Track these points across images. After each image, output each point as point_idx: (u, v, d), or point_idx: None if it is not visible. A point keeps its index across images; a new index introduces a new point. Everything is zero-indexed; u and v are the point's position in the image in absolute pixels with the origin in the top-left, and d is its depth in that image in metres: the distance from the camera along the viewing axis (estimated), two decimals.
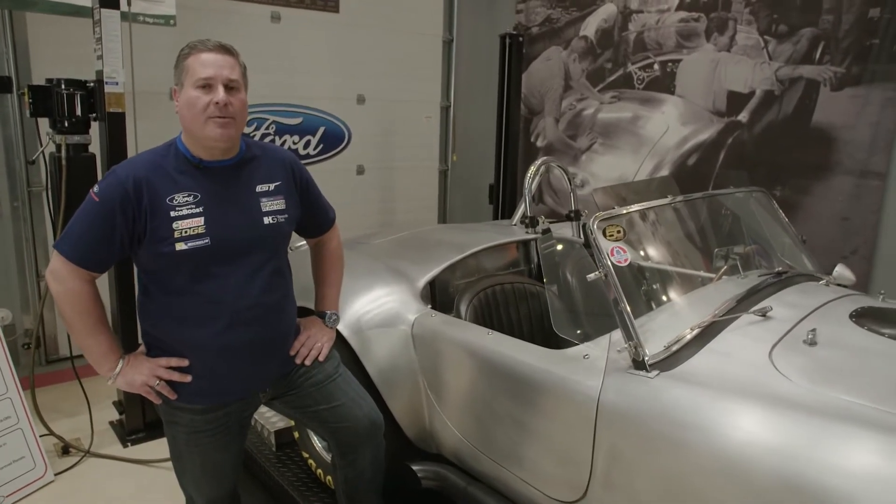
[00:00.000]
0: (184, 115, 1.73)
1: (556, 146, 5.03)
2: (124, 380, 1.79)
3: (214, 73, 1.70)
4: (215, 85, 1.70)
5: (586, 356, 1.88)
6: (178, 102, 1.74)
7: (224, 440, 1.90)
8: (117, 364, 1.78)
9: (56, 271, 1.71)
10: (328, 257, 2.12)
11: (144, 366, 1.79)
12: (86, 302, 1.72)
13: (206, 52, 1.71)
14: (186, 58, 1.72)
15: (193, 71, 1.70)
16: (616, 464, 1.73)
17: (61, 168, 2.89)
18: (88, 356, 1.79)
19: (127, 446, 3.16)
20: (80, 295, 1.71)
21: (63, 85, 2.86)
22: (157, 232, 1.69)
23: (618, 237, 1.90)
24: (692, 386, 1.66)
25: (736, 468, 1.49)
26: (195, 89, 1.70)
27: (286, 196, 1.89)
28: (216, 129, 1.71)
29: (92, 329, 1.75)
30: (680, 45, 4.20)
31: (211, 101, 1.69)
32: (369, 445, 2.09)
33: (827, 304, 2.01)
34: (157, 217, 1.69)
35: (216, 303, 1.76)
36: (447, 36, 5.41)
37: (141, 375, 1.78)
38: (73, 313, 1.72)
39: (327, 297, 2.10)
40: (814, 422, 1.47)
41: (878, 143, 3.41)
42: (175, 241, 1.69)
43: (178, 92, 1.75)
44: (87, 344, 1.76)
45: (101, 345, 1.77)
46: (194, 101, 1.69)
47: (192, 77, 1.70)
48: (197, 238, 1.71)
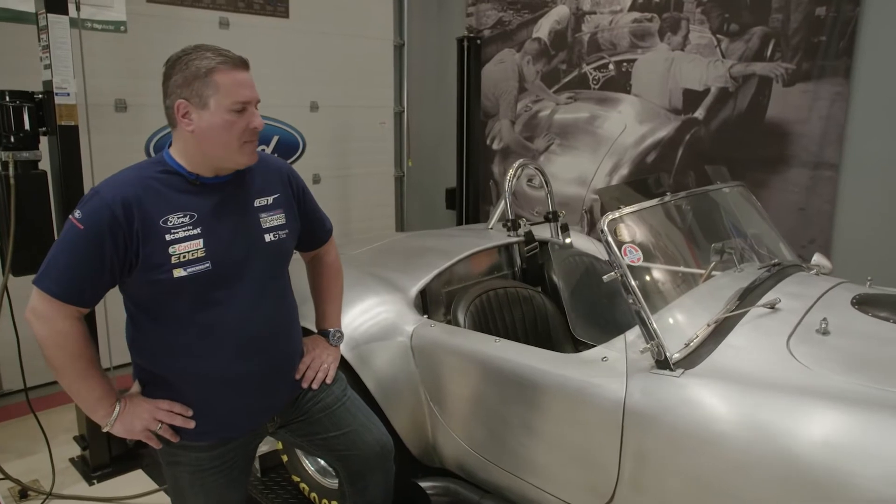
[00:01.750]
0: (208, 138, 1.55)
1: (512, 148, 5.03)
2: (122, 426, 1.61)
3: (251, 96, 1.57)
4: (249, 108, 1.57)
5: (604, 358, 1.85)
6: (197, 123, 1.54)
7: (231, 476, 1.76)
8: (113, 409, 1.60)
9: (39, 311, 1.52)
10: (327, 271, 1.99)
11: (143, 409, 1.62)
12: (76, 343, 1.54)
13: (237, 69, 1.55)
14: (212, 73, 1.52)
15: (228, 91, 1.53)
16: (645, 466, 1.71)
17: (9, 188, 2.66)
18: (80, 402, 1.61)
19: (93, 484, 2.94)
20: (69, 336, 1.52)
21: (7, 97, 2.63)
22: (151, 258, 1.53)
23: (628, 237, 1.88)
24: (719, 382, 1.66)
25: (775, 463, 1.49)
26: (231, 113, 1.54)
27: (286, 209, 1.76)
28: (250, 154, 1.60)
29: (83, 373, 1.56)
30: (634, 45, 4.27)
31: (247, 126, 1.56)
32: (380, 471, 1.97)
33: (826, 293, 2.05)
34: (151, 241, 1.53)
35: (219, 332, 1.62)
36: (398, 40, 5.34)
37: (141, 420, 1.61)
38: (63, 357, 1.53)
39: (329, 315, 1.98)
40: (851, 411, 1.48)
41: (830, 135, 3.56)
42: (172, 268, 1.53)
43: (196, 111, 1.54)
44: (79, 389, 1.58)
45: (95, 389, 1.58)
46: (230, 126, 1.54)
47: (227, 98, 1.52)
48: (197, 263, 1.56)
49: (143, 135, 3.94)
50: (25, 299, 2.83)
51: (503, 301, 2.49)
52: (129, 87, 3.80)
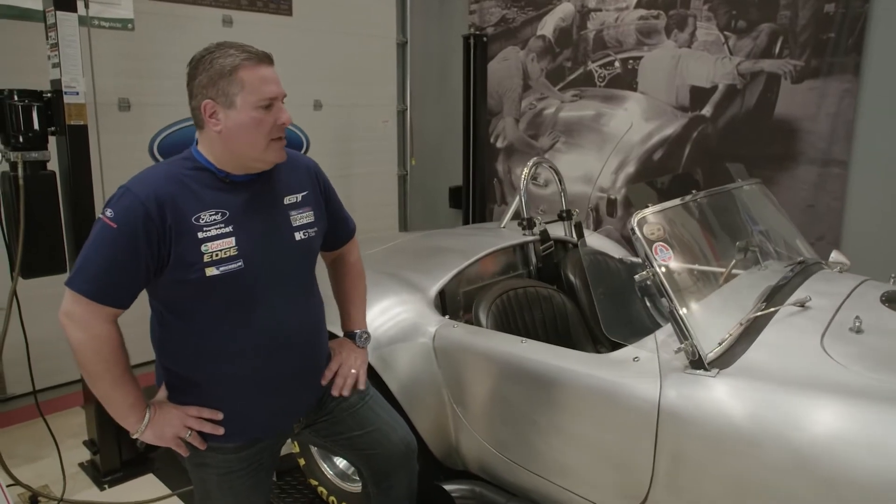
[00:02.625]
0: (237, 137, 1.52)
1: (517, 146, 5.01)
2: (153, 433, 1.58)
3: (277, 92, 1.53)
4: (276, 104, 1.54)
5: (636, 359, 1.83)
6: (224, 123, 1.51)
7: (258, 478, 1.74)
8: (144, 415, 1.57)
9: (73, 313, 1.48)
10: (350, 272, 1.96)
11: (174, 415, 1.59)
12: (113, 349, 1.50)
13: (261, 65, 1.52)
14: (237, 70, 1.49)
15: (254, 88, 1.49)
16: (681, 467, 1.70)
17: (18, 188, 2.60)
18: (113, 409, 1.57)
19: (104, 489, 2.89)
20: (105, 340, 1.49)
21: (16, 96, 2.58)
22: (184, 257, 1.50)
23: (659, 235, 1.86)
24: (755, 381, 1.64)
25: (814, 463, 1.48)
26: (258, 110, 1.50)
27: (314, 207, 1.74)
28: (278, 151, 1.57)
29: (119, 379, 1.53)
30: (640, 42, 4.26)
31: (276, 123, 1.53)
32: (404, 470, 1.95)
33: (854, 290, 2.04)
34: (184, 239, 1.50)
35: (249, 332, 1.59)
36: (401, 38, 5.31)
37: (171, 427, 1.58)
38: (99, 363, 1.50)
39: (354, 316, 1.94)
40: (892, 411, 1.47)
41: (839, 132, 3.56)
42: (205, 266, 1.50)
43: (223, 109, 1.51)
44: (113, 396, 1.54)
45: (129, 396, 1.55)
46: (259, 123, 1.51)
47: (253, 95, 1.49)
48: (229, 261, 1.53)
49: (147, 134, 3.89)
50: (35, 301, 2.82)
51: (523, 301, 2.47)
52: (133, 86, 3.75)
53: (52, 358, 3.34)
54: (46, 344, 3.05)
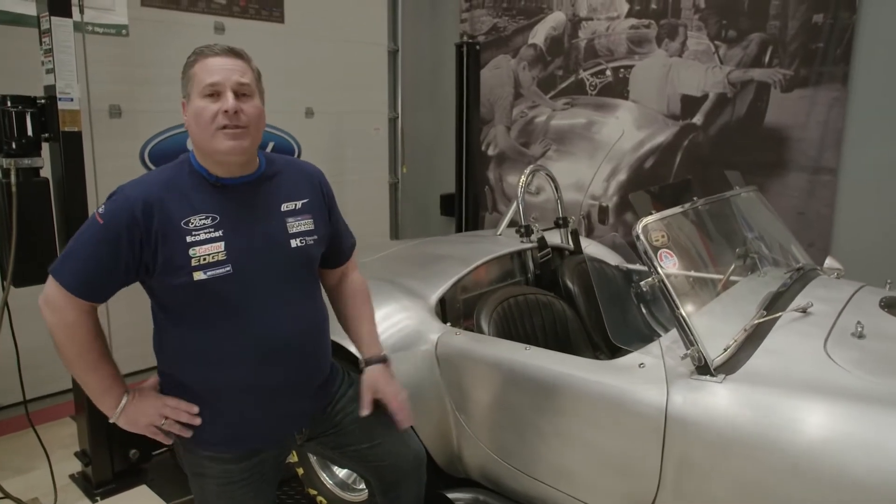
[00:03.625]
0: (192, 129, 1.55)
1: (508, 154, 5.03)
2: (126, 419, 1.59)
3: (222, 79, 1.52)
4: (223, 91, 1.51)
5: (641, 365, 1.84)
6: (186, 116, 1.57)
7: (260, 489, 1.70)
8: (120, 400, 1.58)
9: (52, 299, 1.50)
10: (357, 293, 1.90)
11: (150, 403, 1.60)
12: (86, 335, 1.53)
13: (213, 56, 1.54)
14: (192, 66, 1.55)
15: (199, 78, 1.52)
16: (688, 472, 1.70)
17: (11, 195, 2.56)
18: (88, 391, 1.59)
19: (96, 501, 2.84)
20: (79, 327, 1.51)
21: (10, 102, 2.54)
22: (172, 260, 1.50)
23: (662, 242, 1.87)
24: (761, 387, 1.65)
25: (822, 466, 1.49)
26: (202, 98, 1.52)
27: (315, 215, 1.71)
28: (226, 140, 1.51)
29: (93, 364, 1.55)
30: (631, 51, 4.30)
31: (220, 110, 1.50)
32: (413, 480, 1.93)
33: (853, 296, 2.07)
34: (171, 243, 1.50)
35: (242, 338, 1.57)
36: (392, 46, 5.31)
37: (145, 416, 1.59)
38: (71, 346, 1.52)
39: (370, 337, 1.86)
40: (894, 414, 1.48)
41: (828, 140, 3.62)
42: (192, 270, 1.50)
43: (187, 105, 1.57)
44: (87, 379, 1.57)
45: (104, 380, 1.57)
46: (201, 112, 1.51)
47: (198, 85, 1.52)
48: (217, 266, 1.52)
49: (139, 141, 3.85)
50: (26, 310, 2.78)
51: (524, 308, 2.47)
52: (124, 93, 3.71)
53: (43, 367, 3.28)
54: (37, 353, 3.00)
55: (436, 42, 5.29)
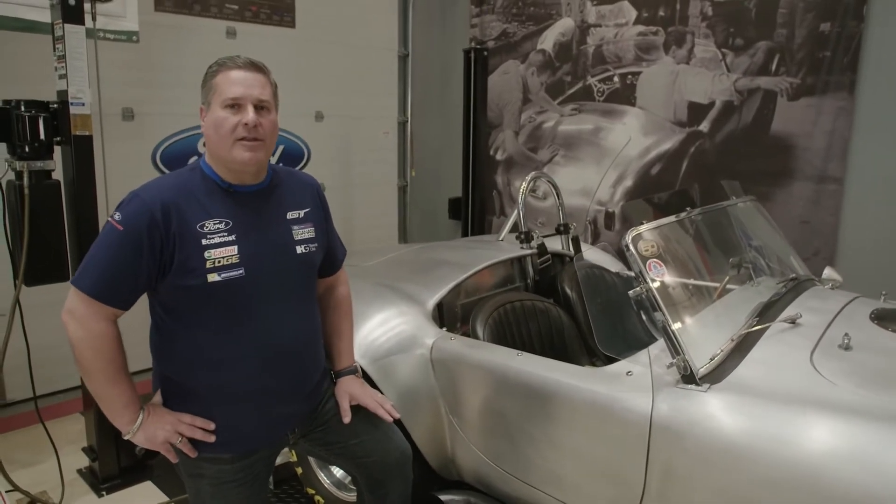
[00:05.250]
0: (210, 137, 1.61)
1: (516, 159, 5.06)
2: (144, 434, 1.61)
3: (244, 93, 1.58)
4: (244, 105, 1.58)
5: (629, 373, 1.87)
6: (205, 123, 1.63)
7: (253, 489, 1.76)
8: (138, 416, 1.61)
9: (75, 310, 1.53)
10: (340, 306, 1.95)
11: (167, 420, 1.62)
12: (110, 346, 1.55)
13: (236, 69, 1.60)
14: (214, 76, 1.61)
15: (221, 90, 1.59)
16: (672, 480, 1.72)
17: (23, 197, 2.64)
18: (107, 407, 1.61)
19: (102, 496, 2.91)
20: (103, 338, 1.54)
21: (23, 106, 2.62)
22: (187, 262, 1.55)
23: (652, 252, 1.90)
24: (745, 397, 1.67)
25: (804, 477, 1.51)
26: (223, 109, 1.58)
27: (315, 224, 1.78)
28: (244, 152, 1.58)
29: (114, 377, 1.57)
30: (639, 57, 4.31)
31: (240, 123, 1.57)
32: (399, 478, 1.99)
33: (844, 307, 2.08)
34: (187, 246, 1.55)
35: (247, 342, 1.63)
36: (402, 51, 5.36)
37: (163, 431, 1.61)
38: (95, 359, 1.54)
39: (346, 352, 1.94)
40: (878, 427, 1.50)
41: (834, 149, 3.61)
42: (207, 272, 1.55)
43: (205, 112, 1.63)
44: (108, 394, 1.59)
45: (124, 395, 1.59)
46: (221, 122, 1.58)
47: (220, 96, 1.58)
48: (231, 268, 1.58)
49: (150, 143, 3.93)
50: (37, 308, 2.86)
51: (520, 314, 2.50)
52: (136, 96, 3.79)
53: (53, 364, 3.37)
54: (47, 350, 3.08)
55: (446, 47, 5.33)
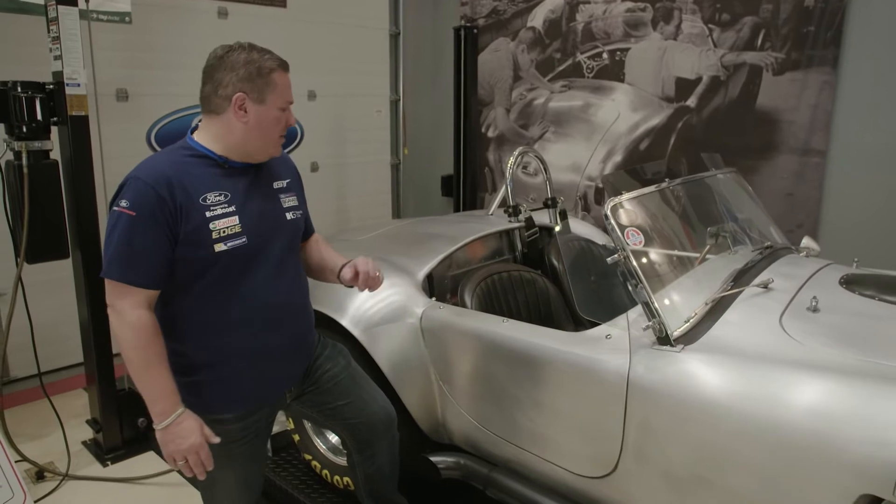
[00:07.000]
0: (257, 129, 1.69)
1: (507, 136, 5.11)
2: (178, 430, 1.61)
3: (292, 98, 1.76)
4: (289, 108, 1.75)
5: (608, 336, 1.95)
6: (250, 115, 1.67)
7: (254, 446, 1.86)
8: (172, 411, 1.60)
9: (114, 304, 1.60)
10: (318, 241, 2.06)
11: (201, 427, 1.64)
12: (152, 331, 1.61)
13: (287, 72, 1.73)
14: (272, 72, 1.67)
15: (282, 91, 1.70)
16: (648, 437, 1.82)
17: (23, 176, 2.71)
18: (147, 391, 1.61)
19: (107, 465, 3.02)
20: (145, 326, 1.59)
21: (20, 88, 2.68)
22: (194, 234, 1.62)
23: (631, 221, 1.98)
24: (716, 356, 1.76)
25: (771, 430, 1.60)
26: (279, 110, 1.71)
27: (297, 193, 1.91)
28: (279, 148, 1.79)
29: (148, 365, 1.60)
30: (627, 34, 4.36)
31: (287, 123, 1.75)
32: (386, 439, 2.11)
33: (816, 273, 2.16)
34: (193, 218, 1.63)
35: (249, 304, 1.73)
36: (394, 29, 5.39)
37: (197, 437, 1.63)
38: (141, 347, 1.59)
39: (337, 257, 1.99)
40: (840, 381, 1.59)
41: (818, 123, 3.67)
42: (214, 243, 1.64)
43: (252, 104, 1.66)
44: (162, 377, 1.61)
45: (157, 384, 1.61)
46: (276, 122, 1.71)
47: (280, 97, 1.70)
48: (235, 237, 1.67)
49: (145, 124, 3.98)
50: (39, 286, 2.93)
51: (507, 284, 2.59)
52: (130, 77, 3.84)
53: (55, 342, 3.46)
54: (50, 328, 3.17)
55: (437, 25, 5.36)
